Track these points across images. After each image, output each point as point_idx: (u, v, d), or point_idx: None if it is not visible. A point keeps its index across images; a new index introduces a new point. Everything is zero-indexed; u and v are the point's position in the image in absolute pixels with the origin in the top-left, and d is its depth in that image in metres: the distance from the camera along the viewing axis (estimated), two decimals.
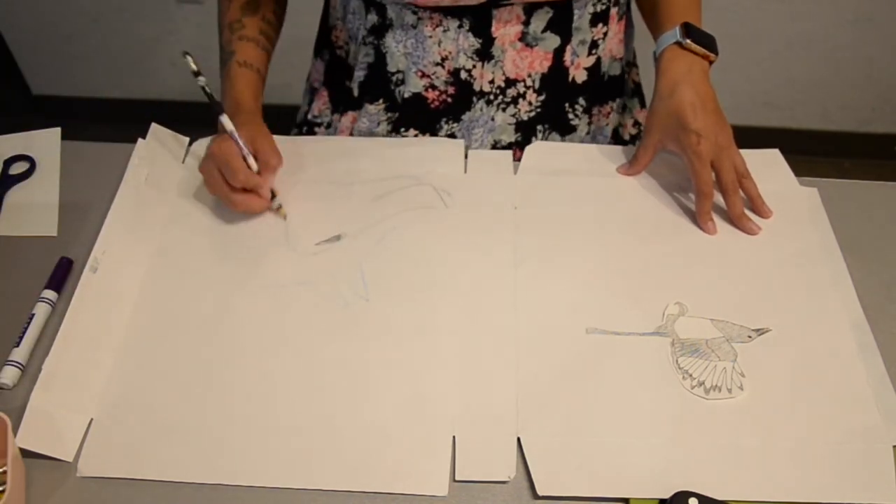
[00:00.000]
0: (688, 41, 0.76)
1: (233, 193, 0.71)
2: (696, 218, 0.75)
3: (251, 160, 0.72)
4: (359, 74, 0.87)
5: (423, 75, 0.84)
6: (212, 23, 0.82)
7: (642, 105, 0.96)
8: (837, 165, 1.89)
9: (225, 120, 0.72)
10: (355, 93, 0.88)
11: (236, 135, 0.71)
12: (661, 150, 0.78)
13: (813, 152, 1.17)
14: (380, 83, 0.86)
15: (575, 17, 0.81)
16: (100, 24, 1.84)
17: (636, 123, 0.94)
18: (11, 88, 2.00)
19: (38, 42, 1.89)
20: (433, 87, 0.84)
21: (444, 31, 0.80)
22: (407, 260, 0.71)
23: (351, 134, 0.90)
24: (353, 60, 0.88)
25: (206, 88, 0.71)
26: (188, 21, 1.80)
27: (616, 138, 0.93)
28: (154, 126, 0.82)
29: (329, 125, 0.93)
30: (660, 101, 0.77)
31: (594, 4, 0.82)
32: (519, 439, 0.59)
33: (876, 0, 1.66)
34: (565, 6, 0.80)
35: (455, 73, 0.83)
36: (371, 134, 0.89)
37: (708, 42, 0.78)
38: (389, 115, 0.87)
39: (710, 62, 0.78)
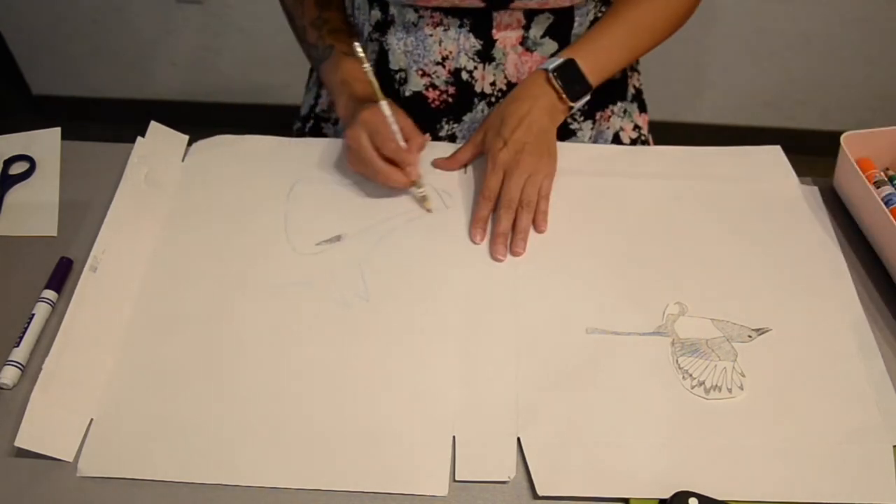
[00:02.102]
0: (553, 75, 0.76)
1: (380, 161, 0.72)
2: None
3: (400, 138, 0.73)
4: None
5: (424, 74, 0.84)
6: (211, 22, 0.82)
7: (642, 110, 0.96)
8: None
9: (385, 106, 0.72)
10: None
11: (393, 122, 0.72)
12: (483, 151, 0.78)
13: (813, 152, 1.17)
14: (384, 81, 0.86)
15: (575, 24, 0.81)
16: (100, 24, 1.84)
17: (636, 127, 0.94)
18: (11, 88, 2.00)
19: (38, 42, 1.89)
20: (433, 86, 0.84)
21: (445, 30, 0.80)
22: (407, 260, 0.71)
23: None
24: None
25: (370, 75, 0.72)
26: (188, 21, 1.80)
27: (616, 142, 0.93)
28: (153, 124, 0.82)
29: (337, 121, 0.93)
30: (497, 106, 0.78)
31: (595, 11, 0.82)
32: (519, 439, 0.59)
33: (876, 0, 1.66)
34: (566, 12, 0.80)
35: (456, 73, 0.83)
36: None
37: (576, 88, 0.76)
38: None
39: (568, 106, 0.77)
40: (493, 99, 0.85)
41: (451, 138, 0.87)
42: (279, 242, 0.73)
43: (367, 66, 0.72)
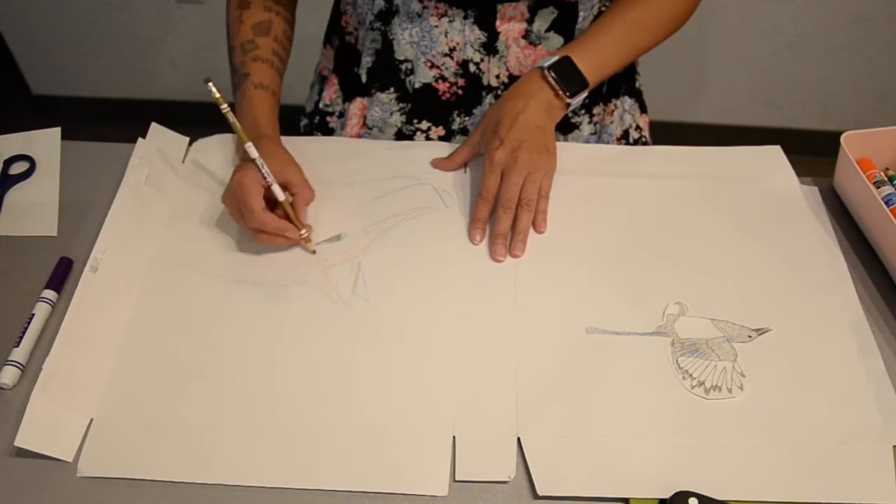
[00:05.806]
0: (549, 72, 0.76)
1: (265, 222, 0.68)
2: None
3: (277, 190, 0.69)
4: (367, 60, 0.87)
5: (433, 66, 0.84)
6: (211, 22, 0.82)
7: (643, 110, 0.96)
8: None
9: (251, 149, 0.68)
10: (363, 79, 0.88)
11: (264, 166, 0.68)
12: (480, 151, 0.78)
13: (813, 152, 1.17)
14: (388, 71, 0.86)
15: (580, 18, 0.82)
16: (100, 24, 1.84)
17: (637, 128, 0.94)
18: (11, 88, 2.00)
19: (38, 42, 1.89)
20: (443, 78, 0.85)
21: (450, 21, 0.80)
22: (407, 260, 0.71)
23: (363, 121, 0.90)
24: (362, 46, 0.88)
25: (230, 116, 0.69)
26: (188, 21, 1.80)
27: (625, 139, 0.93)
28: (154, 126, 0.82)
29: (342, 114, 0.93)
30: (494, 105, 0.78)
31: (599, 5, 0.82)
32: (519, 439, 0.59)
33: (876, 0, 1.66)
34: (570, 6, 0.80)
35: (464, 64, 0.83)
36: (384, 123, 0.89)
37: (573, 84, 0.77)
38: (402, 105, 0.87)
39: (565, 103, 0.77)
40: (498, 92, 0.85)
41: (464, 131, 0.87)
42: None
43: (224, 107, 0.68)
